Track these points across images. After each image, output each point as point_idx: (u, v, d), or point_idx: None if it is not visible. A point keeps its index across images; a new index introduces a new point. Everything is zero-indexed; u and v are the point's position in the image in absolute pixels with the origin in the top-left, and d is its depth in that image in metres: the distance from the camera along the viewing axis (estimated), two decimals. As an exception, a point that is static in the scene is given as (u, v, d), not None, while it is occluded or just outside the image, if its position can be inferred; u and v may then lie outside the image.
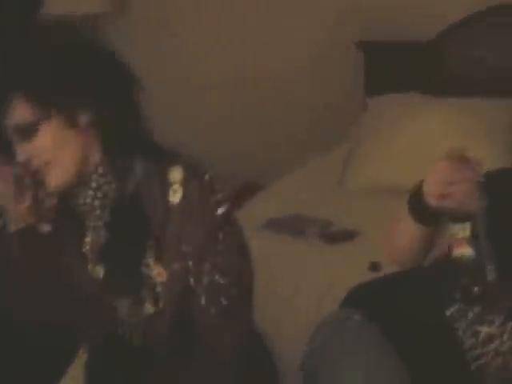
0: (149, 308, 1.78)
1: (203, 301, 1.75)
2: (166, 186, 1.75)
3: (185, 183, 1.74)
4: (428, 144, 3.24)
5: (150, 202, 1.75)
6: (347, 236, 2.83)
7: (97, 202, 1.77)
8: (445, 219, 1.77)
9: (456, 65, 3.54)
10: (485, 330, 1.83)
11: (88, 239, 1.81)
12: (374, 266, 2.52)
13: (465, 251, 1.73)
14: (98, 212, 1.78)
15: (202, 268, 1.74)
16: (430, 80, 3.56)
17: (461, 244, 1.73)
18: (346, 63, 3.85)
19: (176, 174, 1.75)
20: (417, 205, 1.87)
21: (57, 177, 1.72)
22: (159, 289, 1.77)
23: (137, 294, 1.78)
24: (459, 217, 1.73)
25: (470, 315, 1.83)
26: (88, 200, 1.77)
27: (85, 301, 1.83)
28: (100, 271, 1.81)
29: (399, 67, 3.65)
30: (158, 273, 1.76)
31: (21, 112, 1.69)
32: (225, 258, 1.76)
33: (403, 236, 1.97)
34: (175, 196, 1.74)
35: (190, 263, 1.75)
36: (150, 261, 1.76)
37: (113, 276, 1.80)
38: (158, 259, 1.76)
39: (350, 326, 1.85)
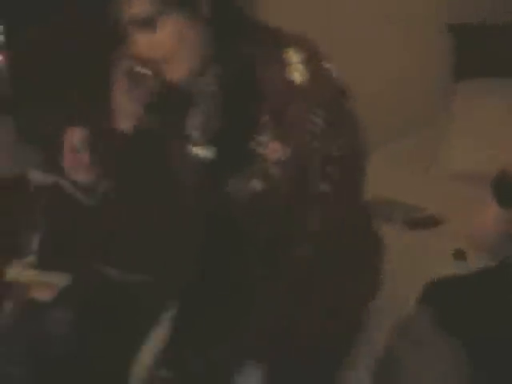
0: (257, 184, 1.76)
1: (328, 187, 1.74)
2: (283, 64, 1.71)
3: (308, 63, 1.72)
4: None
5: (265, 81, 1.72)
6: (431, 222, 2.79)
7: (209, 88, 1.78)
8: None
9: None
10: None
11: (194, 121, 1.81)
12: (459, 254, 2.48)
13: None
14: (209, 95, 1.78)
15: (331, 147, 1.73)
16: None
17: None
18: (436, 46, 3.79)
19: (295, 54, 1.72)
20: (501, 188, 1.85)
21: (179, 70, 1.73)
22: (270, 166, 1.74)
23: (245, 169, 1.76)
24: None
25: None
26: (200, 87, 1.78)
27: (191, 183, 1.83)
28: (209, 152, 1.80)
29: (490, 51, 3.56)
30: (273, 150, 1.74)
31: (140, 2, 1.66)
32: (347, 138, 1.76)
33: (489, 221, 1.95)
34: (296, 75, 1.71)
35: (318, 142, 1.73)
36: (265, 138, 1.74)
37: (222, 156, 1.78)
38: (276, 136, 1.73)
39: (427, 339, 1.83)
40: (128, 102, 1.78)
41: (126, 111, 1.79)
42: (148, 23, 1.67)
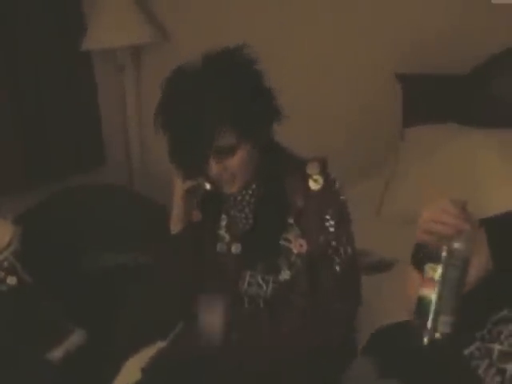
0: (285, 274, 2.18)
1: (338, 268, 2.18)
2: (305, 177, 2.17)
3: (323, 174, 2.17)
4: (465, 174, 3.26)
5: (291, 191, 2.17)
6: (385, 266, 2.84)
7: (247, 197, 2.21)
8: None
9: (494, 96, 3.55)
10: (511, 367, 1.82)
11: (224, 223, 2.25)
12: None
13: (427, 293, 1.69)
14: (248, 203, 2.21)
15: (340, 241, 2.18)
16: (467, 111, 3.57)
17: (427, 285, 1.70)
18: (384, 94, 3.88)
19: (314, 167, 2.18)
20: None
21: (238, 185, 2.16)
22: (294, 258, 2.17)
23: (273, 263, 2.17)
24: (433, 257, 1.72)
25: (496, 353, 1.83)
26: (241, 196, 2.21)
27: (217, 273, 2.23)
28: (238, 248, 2.23)
29: (436, 99, 3.67)
30: (299, 245, 2.17)
31: (226, 136, 2.06)
32: (351, 234, 2.23)
33: (410, 284, 1.98)
34: (316, 184, 2.16)
35: (331, 237, 2.17)
36: (291, 236, 2.17)
37: (251, 250, 2.20)
38: (302, 234, 2.17)
39: None
40: (182, 211, 2.22)
41: (180, 218, 2.22)
42: (229, 152, 2.09)
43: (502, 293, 1.85)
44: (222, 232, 2.25)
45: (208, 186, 2.17)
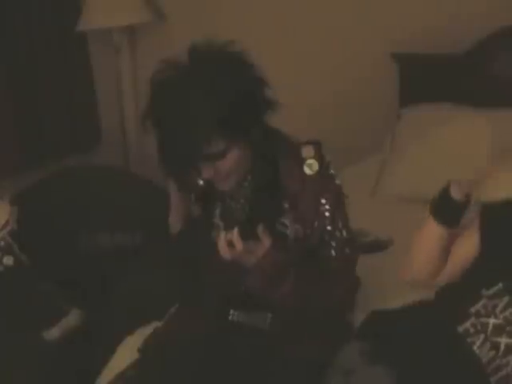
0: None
1: (333, 252, 2.18)
2: (300, 161, 2.14)
3: (318, 158, 2.14)
4: (461, 154, 3.26)
5: (286, 176, 2.16)
6: (380, 246, 2.85)
7: (243, 189, 2.20)
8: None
9: (490, 76, 3.56)
10: (505, 340, 1.84)
11: (218, 212, 2.25)
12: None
13: None
14: (242, 195, 2.20)
15: (336, 225, 2.18)
16: (463, 91, 3.57)
17: None
18: (380, 74, 3.88)
19: (309, 151, 2.15)
20: (442, 206, 1.94)
21: (230, 183, 2.14)
22: (291, 242, 2.16)
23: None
24: None
25: (490, 327, 1.84)
26: (237, 187, 2.18)
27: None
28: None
29: (433, 78, 3.68)
30: (295, 229, 2.16)
31: (215, 143, 2.03)
32: (346, 217, 2.22)
33: (425, 242, 2.04)
34: (311, 168, 2.13)
35: (327, 221, 2.16)
36: (287, 221, 2.16)
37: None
38: (297, 219, 2.15)
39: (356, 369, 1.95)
40: (179, 211, 2.28)
41: (178, 215, 2.28)
42: (220, 156, 2.06)
43: (496, 266, 1.87)
44: (217, 220, 2.25)
45: (201, 182, 2.18)
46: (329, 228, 2.17)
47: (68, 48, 4.36)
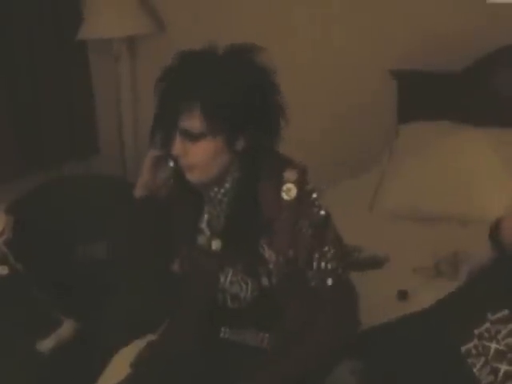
0: (265, 281, 2.09)
1: (313, 284, 2.06)
2: (280, 183, 2.05)
3: (299, 184, 2.04)
4: (458, 172, 3.27)
5: (264, 198, 2.07)
6: (376, 263, 2.84)
7: (220, 196, 2.13)
8: None
9: (488, 94, 3.56)
10: (505, 367, 1.83)
11: (206, 218, 2.17)
12: (402, 295, 2.53)
13: None
14: (220, 202, 2.13)
15: (312, 256, 2.05)
16: (461, 109, 3.57)
17: None
18: (379, 91, 3.89)
19: (291, 175, 2.05)
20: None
21: (197, 176, 2.08)
22: (272, 266, 2.07)
23: (252, 266, 2.10)
24: None
25: (492, 351, 1.84)
26: (214, 193, 2.13)
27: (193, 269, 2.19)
28: (217, 244, 2.14)
29: (431, 96, 3.68)
30: (269, 255, 2.07)
31: (193, 120, 2.00)
32: (330, 248, 2.07)
33: None
34: (289, 193, 2.04)
35: (302, 253, 2.05)
36: (264, 245, 2.07)
37: (230, 250, 2.12)
38: (270, 244, 2.06)
39: None
40: (149, 177, 2.15)
41: (145, 183, 2.17)
42: (192, 137, 2.02)
43: (504, 292, 1.87)
44: (204, 226, 2.18)
45: (171, 164, 2.11)
46: (304, 258, 2.07)
47: (68, 56, 4.36)
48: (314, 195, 2.09)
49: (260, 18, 4.10)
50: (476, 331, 1.87)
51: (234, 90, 2.01)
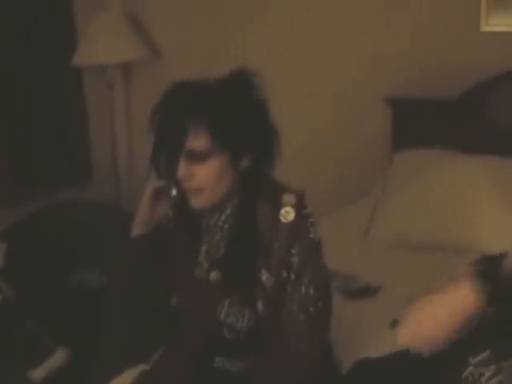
0: (260, 305, 2.11)
1: (295, 307, 2.08)
2: (278, 207, 2.07)
3: (297, 207, 2.07)
4: (453, 200, 3.27)
5: (262, 222, 2.09)
6: (370, 292, 2.83)
7: (220, 223, 2.14)
8: None
9: (482, 122, 3.57)
10: None
11: (204, 249, 2.17)
12: (396, 324, 2.51)
13: None
14: (220, 229, 2.14)
15: (301, 281, 2.08)
16: (455, 137, 3.59)
17: None
18: (373, 119, 3.90)
19: (289, 199, 2.08)
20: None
21: (203, 201, 2.08)
22: (268, 290, 2.09)
23: (250, 295, 2.11)
24: None
25: (487, 375, 1.83)
26: (214, 221, 2.15)
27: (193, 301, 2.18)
28: (216, 275, 2.14)
29: (425, 124, 3.69)
30: (266, 278, 2.09)
31: (200, 139, 2.01)
32: (319, 275, 2.10)
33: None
34: (287, 216, 2.06)
35: (293, 275, 2.08)
36: (262, 268, 2.09)
37: (228, 279, 2.13)
38: (267, 267, 2.08)
39: None
40: (147, 213, 2.13)
41: (143, 219, 2.15)
42: (200, 157, 2.02)
43: (485, 333, 1.85)
44: (202, 258, 2.18)
45: (174, 192, 2.09)
46: (294, 281, 2.09)
47: (63, 82, 4.37)
48: (311, 220, 2.10)
49: (255, 45, 4.11)
50: (463, 375, 1.86)
51: (236, 107, 2.03)
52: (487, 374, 1.83)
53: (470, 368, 1.85)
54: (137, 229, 2.15)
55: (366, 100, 3.90)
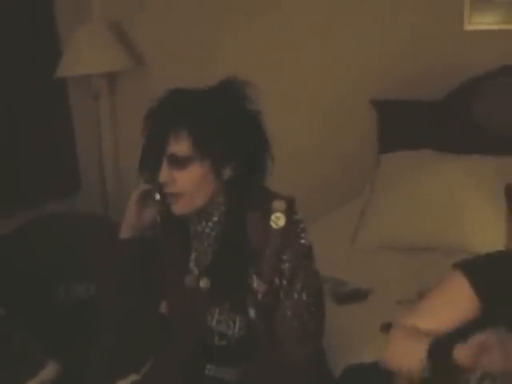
0: (252, 312, 2.10)
1: (289, 313, 2.07)
2: (268, 213, 2.06)
3: (287, 213, 2.05)
4: (440, 201, 3.27)
5: (252, 229, 2.09)
6: (360, 296, 2.82)
7: (208, 230, 2.14)
8: None
9: (468, 122, 3.57)
10: None
11: (193, 256, 2.16)
12: (386, 327, 2.51)
13: None
14: (208, 236, 2.14)
15: (294, 287, 2.07)
16: (441, 137, 3.59)
17: None
18: (359, 121, 3.90)
19: (279, 205, 2.06)
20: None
21: (182, 207, 2.08)
22: (259, 296, 2.09)
23: (240, 302, 2.10)
24: None
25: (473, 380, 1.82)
26: (201, 227, 2.14)
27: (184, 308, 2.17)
28: (206, 282, 2.14)
29: (411, 125, 3.69)
30: (257, 285, 2.08)
31: (181, 144, 2.02)
32: (312, 280, 2.09)
33: None
34: (278, 222, 2.05)
35: (285, 281, 2.07)
36: (253, 275, 2.08)
37: (218, 286, 2.12)
38: (259, 274, 2.08)
39: None
40: (134, 217, 2.12)
41: (130, 223, 2.13)
42: (181, 162, 2.03)
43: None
44: (191, 265, 2.17)
45: (157, 196, 2.08)
46: (286, 286, 2.08)
47: (48, 93, 4.35)
48: (302, 225, 2.10)
49: (241, 52, 4.11)
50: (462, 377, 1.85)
51: (220, 115, 2.04)
52: (473, 380, 1.83)
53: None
54: (124, 233, 2.15)
55: (352, 103, 3.90)
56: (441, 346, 1.81)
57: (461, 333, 1.84)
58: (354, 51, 3.88)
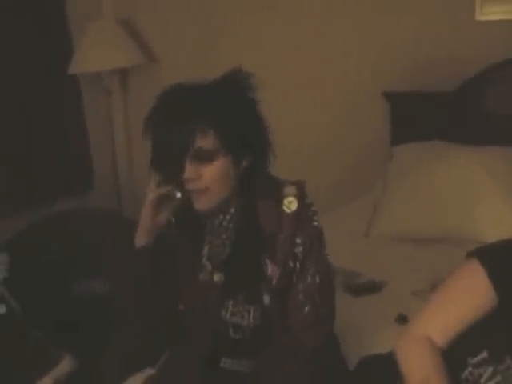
0: (266, 299, 2.11)
1: (301, 297, 2.10)
2: (280, 198, 2.10)
3: (299, 197, 2.10)
4: (454, 192, 3.26)
5: (265, 214, 2.11)
6: (374, 288, 2.82)
7: (225, 222, 2.16)
8: None
9: (481, 113, 3.56)
10: None
11: (206, 251, 2.17)
12: (401, 318, 2.51)
13: None
14: (226, 229, 2.15)
15: (307, 269, 2.10)
16: (454, 128, 3.58)
17: None
18: (372, 113, 3.90)
19: (291, 190, 2.11)
20: None
21: (206, 202, 2.08)
22: (273, 282, 2.10)
23: (255, 291, 2.11)
24: None
25: (485, 376, 1.82)
26: (219, 221, 2.16)
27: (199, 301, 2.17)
28: (220, 276, 2.15)
29: (424, 117, 3.68)
30: (272, 270, 2.09)
31: (208, 139, 2.01)
32: (323, 263, 2.13)
33: None
34: (290, 206, 2.09)
35: (298, 264, 2.10)
36: (267, 260, 2.10)
37: (233, 280, 2.14)
38: (272, 259, 2.09)
39: None
40: (150, 221, 2.11)
41: (146, 228, 2.12)
42: (207, 156, 2.03)
43: (481, 333, 1.84)
44: (204, 260, 2.18)
45: (179, 195, 2.06)
46: (300, 270, 2.11)
47: (60, 91, 4.37)
48: (314, 208, 2.13)
49: (251, 45, 4.11)
50: (462, 375, 1.85)
51: (239, 107, 2.06)
52: (485, 376, 1.83)
53: (469, 369, 1.84)
54: (140, 239, 2.13)
55: (364, 95, 3.90)
56: None
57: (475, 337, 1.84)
58: (365, 43, 3.87)
